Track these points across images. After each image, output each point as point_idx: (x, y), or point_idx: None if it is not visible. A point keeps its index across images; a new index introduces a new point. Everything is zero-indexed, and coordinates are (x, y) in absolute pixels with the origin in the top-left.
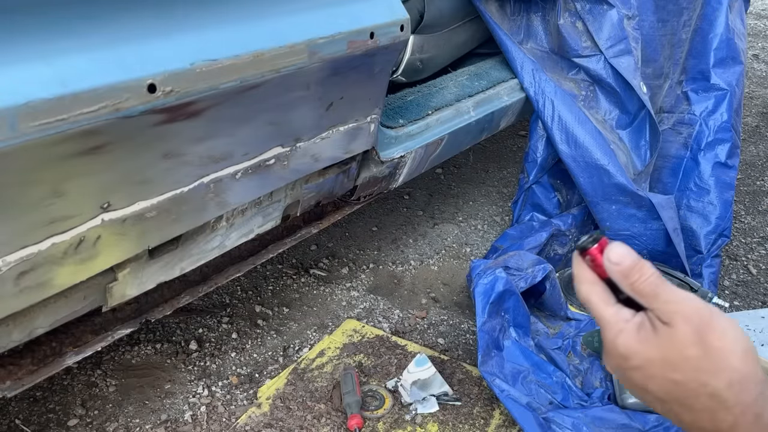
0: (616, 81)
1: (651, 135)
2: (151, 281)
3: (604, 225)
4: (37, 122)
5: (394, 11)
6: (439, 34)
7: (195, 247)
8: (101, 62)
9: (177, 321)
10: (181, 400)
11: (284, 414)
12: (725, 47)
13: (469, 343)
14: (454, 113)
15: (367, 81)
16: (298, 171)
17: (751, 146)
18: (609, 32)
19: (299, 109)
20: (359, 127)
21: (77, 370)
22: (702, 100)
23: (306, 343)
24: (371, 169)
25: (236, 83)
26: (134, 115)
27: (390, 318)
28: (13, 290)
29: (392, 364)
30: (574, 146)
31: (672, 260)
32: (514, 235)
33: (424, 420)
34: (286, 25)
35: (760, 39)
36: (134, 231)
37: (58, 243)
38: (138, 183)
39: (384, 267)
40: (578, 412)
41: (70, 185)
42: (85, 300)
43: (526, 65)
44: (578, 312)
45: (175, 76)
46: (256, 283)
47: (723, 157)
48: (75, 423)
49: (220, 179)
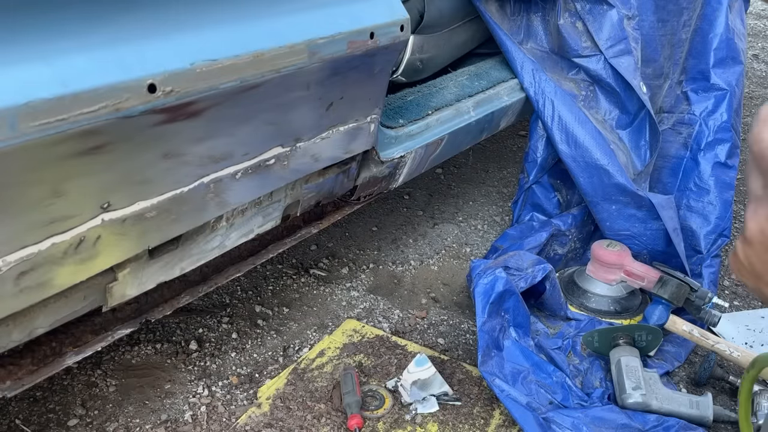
0: (616, 81)
1: (651, 135)
2: (151, 281)
3: (604, 225)
4: (38, 122)
5: (394, 11)
6: (439, 34)
7: (195, 247)
8: (101, 62)
9: (177, 321)
10: (181, 400)
11: (284, 414)
12: (725, 47)
13: (469, 343)
14: (454, 113)
15: (367, 81)
16: (298, 171)
17: None
18: (609, 32)
19: (299, 109)
20: (359, 127)
21: (77, 370)
22: (702, 100)
23: (306, 343)
24: (371, 169)
25: (236, 83)
26: (134, 115)
27: (390, 318)
28: (13, 290)
29: (392, 364)
30: (574, 146)
31: (672, 260)
32: (514, 235)
33: (424, 420)
34: (286, 25)
35: (759, 39)
36: (134, 231)
37: (58, 243)
38: (138, 183)
39: (384, 267)
40: (578, 412)
41: (70, 185)
42: (85, 300)
43: (526, 65)
44: (578, 312)
45: (175, 76)
46: (256, 283)
47: (723, 157)
48: (75, 423)
49: (220, 179)
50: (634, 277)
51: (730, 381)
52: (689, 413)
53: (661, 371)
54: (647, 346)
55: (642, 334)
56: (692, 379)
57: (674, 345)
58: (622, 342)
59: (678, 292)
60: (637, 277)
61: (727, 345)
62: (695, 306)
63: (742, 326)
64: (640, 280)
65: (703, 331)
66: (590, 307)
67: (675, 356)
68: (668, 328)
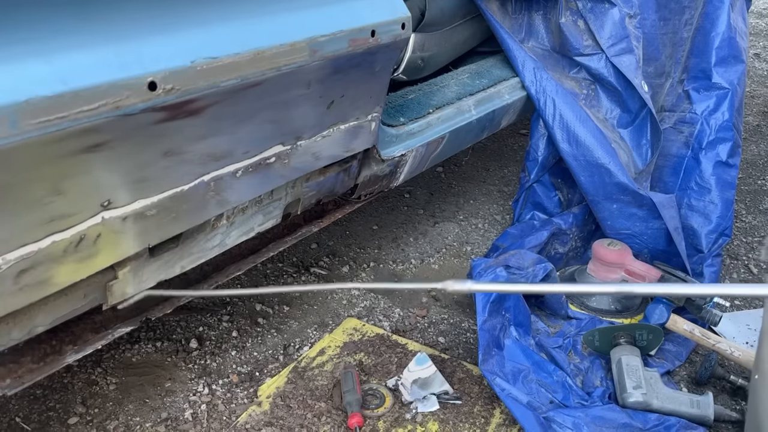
0: (618, 80)
1: (652, 134)
2: (152, 279)
3: (605, 224)
4: (38, 120)
5: (395, 9)
6: (441, 33)
7: (195, 246)
8: (102, 60)
9: (177, 319)
10: (181, 398)
11: (284, 412)
12: (727, 46)
13: (469, 342)
14: (455, 112)
15: (368, 79)
16: (299, 169)
17: (752, 145)
18: (610, 31)
19: (300, 107)
20: (360, 126)
21: (77, 368)
22: (703, 99)
23: (306, 342)
24: (372, 167)
25: (237, 81)
26: (135, 113)
27: (390, 317)
28: (13, 288)
29: (393, 362)
30: (575, 145)
31: (673, 259)
32: (514, 234)
33: (424, 419)
34: (287, 23)
35: (761, 38)
36: (134, 229)
37: (59, 241)
38: (138, 181)
39: (384, 265)
40: (579, 411)
41: (70, 183)
42: (86, 298)
43: (528, 64)
44: (579, 311)
45: (176, 73)
46: (256, 281)
47: (724, 156)
48: (75, 421)
49: (220, 177)
50: (635, 276)
51: (731, 380)
52: (690, 412)
53: (661, 370)
54: (648, 346)
55: (643, 333)
56: (693, 378)
57: (675, 344)
58: (622, 341)
59: None
60: (638, 276)
61: (728, 344)
62: (696, 305)
63: (743, 325)
64: (641, 280)
65: (704, 330)
66: (591, 306)
67: (676, 355)
68: (669, 328)
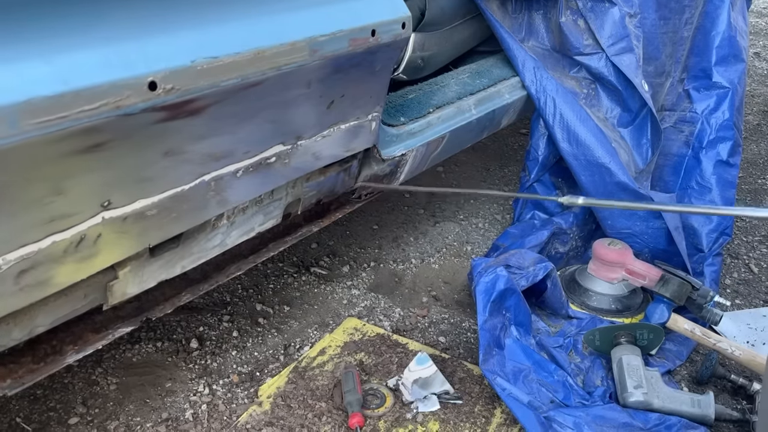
0: (618, 79)
1: (652, 133)
2: (152, 279)
3: (605, 223)
4: (38, 120)
5: (395, 9)
6: (441, 32)
7: (196, 246)
8: (102, 60)
9: (178, 319)
10: (182, 398)
11: (285, 412)
12: (727, 45)
13: (470, 342)
14: (455, 111)
15: (368, 79)
16: (300, 169)
17: (752, 144)
18: (611, 30)
19: (300, 107)
20: (360, 125)
21: (78, 368)
22: (704, 98)
23: (307, 342)
24: (372, 167)
25: (237, 81)
26: (135, 112)
27: (391, 316)
28: (14, 288)
29: (393, 362)
30: (576, 144)
31: (673, 259)
32: (515, 234)
33: (425, 418)
34: (288, 22)
35: (761, 37)
36: (135, 229)
37: (59, 241)
38: (139, 181)
39: (385, 265)
40: (580, 410)
41: (70, 183)
42: (86, 298)
43: (528, 63)
44: (579, 310)
45: (176, 73)
46: (257, 281)
47: (725, 156)
48: (76, 421)
49: (221, 177)
50: (635, 275)
51: (731, 380)
52: (691, 412)
53: (662, 370)
54: (649, 345)
55: (643, 333)
56: (694, 377)
57: (676, 344)
58: (623, 340)
59: (680, 290)
60: (638, 276)
61: (729, 344)
62: (697, 304)
63: (744, 325)
64: (642, 279)
65: (705, 329)
66: (592, 306)
67: (676, 355)
68: (670, 327)
